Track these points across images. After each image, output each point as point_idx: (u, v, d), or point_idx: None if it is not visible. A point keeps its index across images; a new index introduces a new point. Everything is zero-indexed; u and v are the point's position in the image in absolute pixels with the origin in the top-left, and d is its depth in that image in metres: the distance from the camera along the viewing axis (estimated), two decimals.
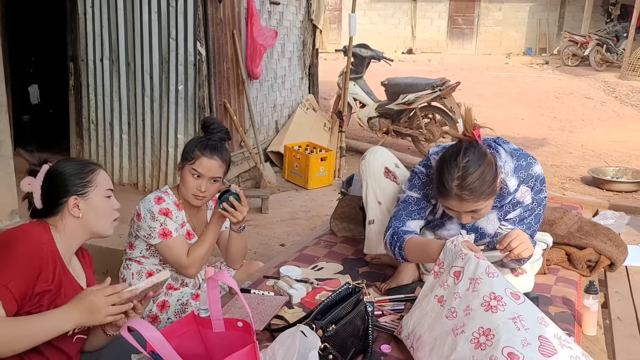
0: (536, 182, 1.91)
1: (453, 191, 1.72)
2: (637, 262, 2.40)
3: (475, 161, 1.72)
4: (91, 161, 1.71)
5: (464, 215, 1.79)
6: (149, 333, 1.20)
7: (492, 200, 1.79)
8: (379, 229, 2.14)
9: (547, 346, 1.28)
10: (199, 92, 4.44)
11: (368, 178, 2.22)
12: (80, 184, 1.58)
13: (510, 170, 1.87)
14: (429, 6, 19.28)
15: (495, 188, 1.78)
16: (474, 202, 1.73)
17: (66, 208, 1.56)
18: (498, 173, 1.80)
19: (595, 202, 3.44)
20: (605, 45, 14.10)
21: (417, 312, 1.59)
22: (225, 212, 2.05)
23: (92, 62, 4.65)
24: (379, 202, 2.18)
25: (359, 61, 6.62)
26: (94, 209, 1.59)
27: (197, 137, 2.17)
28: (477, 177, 1.70)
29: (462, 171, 1.70)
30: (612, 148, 7.14)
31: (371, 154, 2.26)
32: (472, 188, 1.70)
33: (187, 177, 2.09)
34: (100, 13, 4.53)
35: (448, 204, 1.78)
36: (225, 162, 2.12)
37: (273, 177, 5.29)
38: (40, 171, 1.59)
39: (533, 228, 1.94)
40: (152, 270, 2.18)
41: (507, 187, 1.87)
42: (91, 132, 4.79)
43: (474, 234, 2.00)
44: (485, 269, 1.47)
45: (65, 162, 1.62)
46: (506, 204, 1.93)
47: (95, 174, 1.61)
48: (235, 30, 4.87)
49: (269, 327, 1.75)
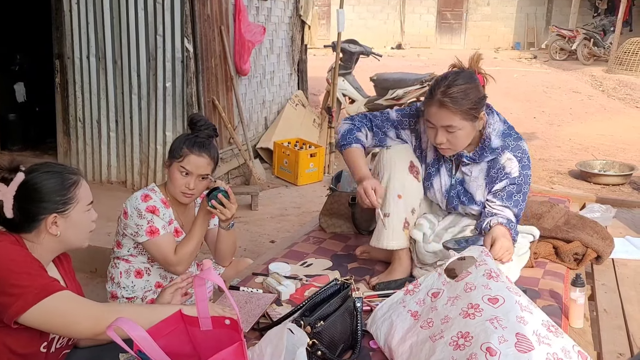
0: (523, 156, 2.01)
1: (437, 96, 1.88)
2: (623, 255, 2.43)
3: (465, 79, 1.90)
4: (71, 169, 1.55)
5: (439, 131, 1.91)
6: (136, 332, 1.19)
7: (469, 127, 1.92)
8: (394, 225, 2.06)
9: (524, 343, 1.30)
10: (187, 89, 4.41)
11: (391, 170, 2.08)
12: (61, 201, 1.46)
13: (498, 131, 2.00)
14: (417, 1, 19.28)
15: (475, 115, 1.91)
16: (452, 114, 1.87)
17: (43, 225, 1.46)
18: (482, 104, 1.93)
19: (583, 196, 3.47)
20: (593, 39, 14.19)
21: (386, 324, 1.60)
22: (213, 210, 2.04)
23: (79, 60, 4.60)
24: (399, 195, 2.05)
25: (348, 57, 6.61)
26: (73, 225, 1.50)
27: (184, 135, 2.15)
28: (461, 89, 1.87)
29: (450, 81, 1.89)
30: (599, 141, 7.20)
31: (396, 145, 2.13)
32: (454, 97, 1.86)
33: (175, 175, 2.08)
34: (86, 10, 4.49)
35: (429, 113, 1.92)
36: (213, 159, 2.11)
37: (263, 174, 5.28)
38: (14, 180, 1.44)
39: (520, 206, 2.02)
40: (141, 268, 2.17)
41: (489, 141, 1.99)
42: (78, 130, 4.75)
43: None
44: (463, 287, 1.50)
45: (43, 174, 1.47)
46: (489, 161, 2.02)
47: (77, 187, 1.49)
48: (223, 26, 4.84)
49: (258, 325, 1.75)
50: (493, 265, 1.56)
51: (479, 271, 1.53)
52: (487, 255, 1.60)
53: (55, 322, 1.38)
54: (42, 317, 1.36)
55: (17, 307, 1.34)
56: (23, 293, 1.34)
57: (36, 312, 1.35)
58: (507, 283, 1.51)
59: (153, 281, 2.20)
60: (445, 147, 1.97)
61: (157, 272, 2.20)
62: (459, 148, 1.98)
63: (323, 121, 6.37)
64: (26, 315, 1.35)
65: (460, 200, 2.11)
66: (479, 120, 1.95)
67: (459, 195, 2.11)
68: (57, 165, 1.55)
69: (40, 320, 1.37)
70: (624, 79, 11.58)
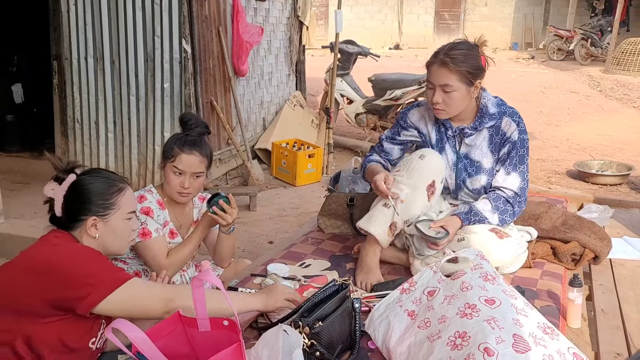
0: (520, 121, 2.16)
1: (439, 56, 2.05)
2: (620, 255, 2.43)
3: (466, 45, 2.07)
4: (120, 177, 1.65)
5: (437, 91, 2.06)
6: (134, 334, 1.19)
7: (464, 90, 2.05)
8: (388, 215, 2.10)
9: (521, 344, 1.30)
10: (185, 90, 4.41)
11: (409, 176, 2.10)
12: (103, 205, 1.55)
13: (492, 101, 2.17)
14: (415, 1, 19.30)
15: (472, 80, 2.05)
16: (450, 73, 2.02)
17: (84, 225, 1.54)
18: (480, 74, 2.07)
19: (580, 196, 3.48)
20: (590, 39, 14.21)
21: (383, 325, 1.61)
22: (214, 216, 2.05)
23: (77, 61, 4.60)
24: (402, 200, 2.09)
25: (346, 57, 6.61)
26: (112, 231, 1.58)
27: (176, 134, 2.15)
28: (463, 52, 2.04)
29: (453, 45, 2.08)
30: (597, 141, 7.21)
31: (431, 158, 2.12)
32: (455, 58, 2.02)
33: (169, 175, 2.08)
34: (84, 10, 4.48)
35: (430, 72, 2.09)
36: (205, 156, 2.11)
37: (261, 175, 5.28)
38: (66, 180, 1.55)
39: (526, 177, 2.17)
40: (139, 270, 2.17)
41: (487, 109, 2.14)
42: (76, 131, 4.74)
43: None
44: (460, 285, 1.50)
45: (92, 177, 1.58)
46: (490, 128, 2.15)
47: (120, 195, 1.58)
48: (221, 27, 4.84)
49: (257, 325, 1.75)
50: (489, 268, 1.57)
51: (475, 273, 1.53)
52: (482, 259, 1.61)
53: (132, 307, 1.47)
54: (119, 305, 1.45)
55: (94, 297, 1.41)
56: (97, 283, 1.42)
57: (113, 300, 1.43)
58: (504, 286, 1.51)
59: None
60: (440, 107, 2.09)
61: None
62: (452, 111, 2.11)
63: (321, 122, 6.37)
64: (103, 304, 1.42)
65: (468, 172, 2.20)
66: (475, 89, 2.08)
67: (465, 168, 2.21)
68: (107, 172, 1.65)
69: (118, 307, 1.45)
70: (622, 79, 11.60)
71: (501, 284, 1.52)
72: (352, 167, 3.28)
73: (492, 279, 1.51)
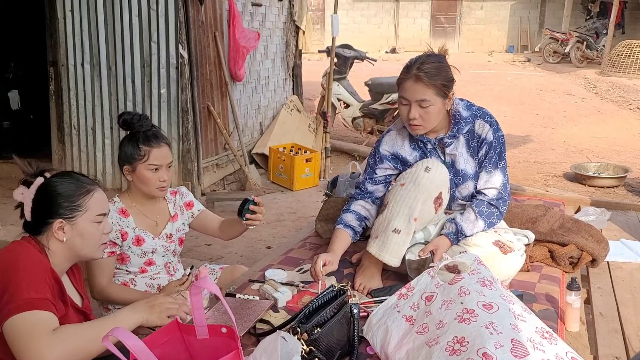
0: (492, 120, 2.16)
1: (412, 71, 2.02)
2: (618, 258, 2.43)
3: (436, 58, 2.08)
4: (90, 180, 1.58)
5: (413, 106, 2.03)
6: (132, 342, 1.19)
7: (440, 103, 2.05)
8: (403, 241, 2.04)
9: (520, 348, 1.30)
10: (181, 95, 4.42)
11: (418, 191, 2.04)
12: (69, 207, 1.50)
13: (462, 105, 2.17)
14: (411, 5, 19.36)
15: (446, 92, 2.04)
16: (426, 88, 2.00)
17: (51, 230, 1.49)
18: (452, 85, 2.07)
19: (578, 199, 3.48)
20: (586, 42, 14.26)
21: (381, 330, 1.60)
22: (250, 223, 2.10)
23: (73, 67, 4.60)
24: (415, 218, 2.03)
25: (343, 61, 6.63)
26: (80, 234, 1.52)
27: (127, 137, 2.11)
28: (435, 66, 2.03)
29: (423, 59, 2.06)
30: (593, 144, 7.23)
31: (436, 170, 2.06)
32: (429, 72, 2.01)
33: (145, 175, 2.08)
34: (80, 17, 4.49)
35: (404, 88, 2.05)
36: (169, 145, 2.17)
37: (258, 179, 5.28)
38: (34, 183, 1.51)
39: (505, 173, 2.18)
40: (126, 280, 2.17)
41: (459, 114, 2.14)
42: (73, 137, 4.75)
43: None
44: (457, 290, 1.50)
45: (60, 180, 1.52)
46: (465, 134, 2.15)
47: (88, 197, 1.52)
48: (217, 32, 4.85)
49: (255, 332, 1.75)
50: (486, 273, 1.56)
51: (472, 278, 1.53)
52: (480, 264, 1.61)
53: (14, 342, 1.30)
54: (10, 331, 1.31)
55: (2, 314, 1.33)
56: (10, 301, 1.33)
57: (10, 324, 1.31)
58: (501, 291, 1.51)
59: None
60: (417, 123, 2.06)
61: (143, 281, 2.19)
62: (429, 126, 2.09)
63: (318, 126, 6.37)
64: (5, 325, 1.32)
65: (455, 182, 2.19)
66: (449, 100, 2.08)
67: (452, 178, 2.19)
68: (77, 174, 1.59)
69: (8, 333, 1.31)
70: (617, 81, 11.64)
71: (499, 289, 1.52)
72: (350, 172, 3.28)
73: (489, 284, 1.51)
